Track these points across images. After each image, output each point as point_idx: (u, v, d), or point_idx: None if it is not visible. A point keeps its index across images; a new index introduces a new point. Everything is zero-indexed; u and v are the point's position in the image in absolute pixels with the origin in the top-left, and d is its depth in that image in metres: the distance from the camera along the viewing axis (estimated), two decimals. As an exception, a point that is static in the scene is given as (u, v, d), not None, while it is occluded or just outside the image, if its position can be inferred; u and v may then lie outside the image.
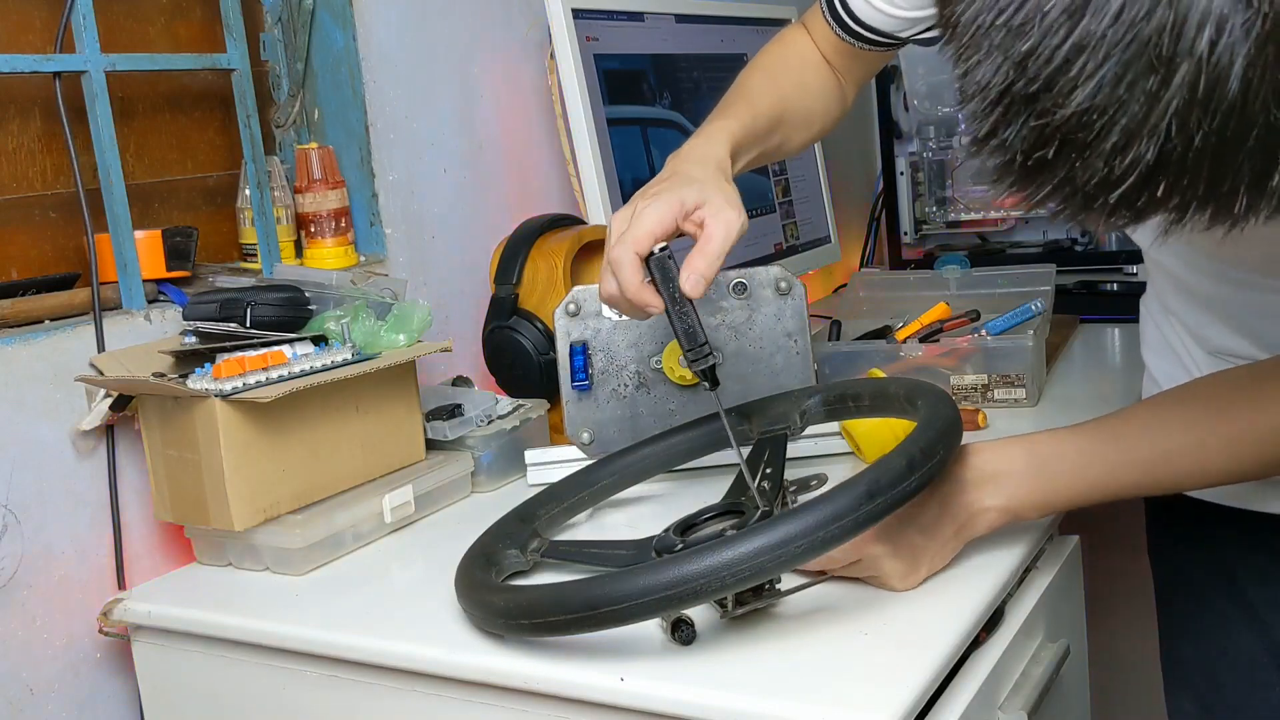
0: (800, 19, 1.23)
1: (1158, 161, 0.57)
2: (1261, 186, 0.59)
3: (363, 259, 1.38)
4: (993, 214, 1.96)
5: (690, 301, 0.95)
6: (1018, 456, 0.94)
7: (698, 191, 0.96)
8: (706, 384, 0.97)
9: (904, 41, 1.16)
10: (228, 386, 1.02)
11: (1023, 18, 0.57)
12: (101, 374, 1.08)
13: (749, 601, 0.84)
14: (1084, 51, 0.56)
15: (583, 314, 1.18)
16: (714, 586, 0.76)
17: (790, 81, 1.18)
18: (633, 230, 0.95)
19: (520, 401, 1.29)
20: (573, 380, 1.17)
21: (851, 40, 1.16)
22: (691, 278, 0.93)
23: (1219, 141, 0.57)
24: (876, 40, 1.15)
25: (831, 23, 1.17)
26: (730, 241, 0.95)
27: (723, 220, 0.94)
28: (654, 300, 0.95)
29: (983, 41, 0.59)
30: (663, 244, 0.95)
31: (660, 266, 0.95)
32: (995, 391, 1.32)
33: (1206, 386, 0.94)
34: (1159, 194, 0.59)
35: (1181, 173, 0.58)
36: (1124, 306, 1.65)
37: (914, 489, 0.81)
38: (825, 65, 1.21)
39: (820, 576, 0.89)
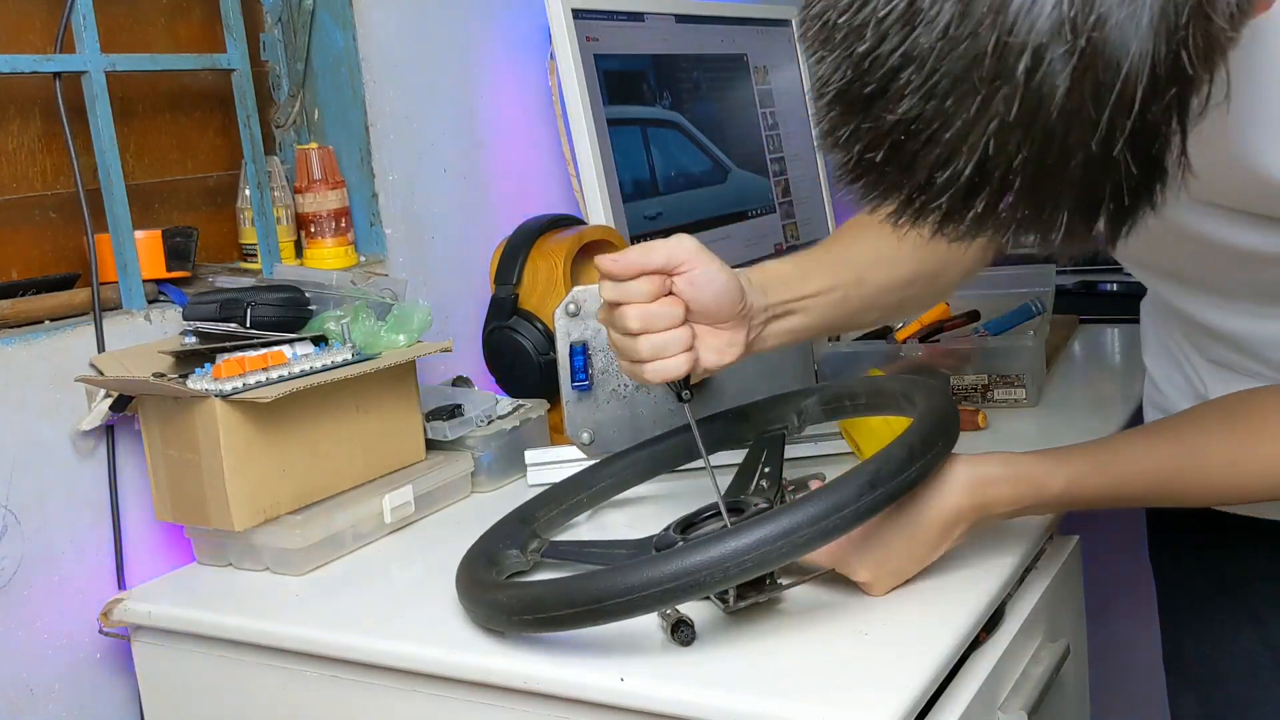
0: None
1: (978, 178, 0.57)
2: (1089, 220, 0.59)
3: (363, 259, 1.38)
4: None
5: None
6: (1024, 480, 0.90)
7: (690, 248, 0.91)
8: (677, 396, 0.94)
9: None
10: (228, 387, 1.02)
11: (861, 19, 0.57)
12: (101, 374, 1.08)
13: (750, 595, 0.84)
14: (913, 62, 0.56)
15: (583, 314, 1.18)
16: (718, 577, 0.76)
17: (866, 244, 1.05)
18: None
19: (520, 401, 1.29)
20: (573, 380, 1.17)
21: None
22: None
23: (1038, 167, 0.56)
24: None
25: None
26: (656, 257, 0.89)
27: (670, 247, 0.90)
28: None
29: (828, 38, 0.59)
30: None
31: None
32: (995, 391, 1.32)
33: (1249, 401, 0.90)
34: (980, 210, 0.59)
35: (1001, 192, 0.58)
36: (1124, 307, 1.65)
37: (915, 478, 0.82)
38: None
39: (821, 570, 0.89)
